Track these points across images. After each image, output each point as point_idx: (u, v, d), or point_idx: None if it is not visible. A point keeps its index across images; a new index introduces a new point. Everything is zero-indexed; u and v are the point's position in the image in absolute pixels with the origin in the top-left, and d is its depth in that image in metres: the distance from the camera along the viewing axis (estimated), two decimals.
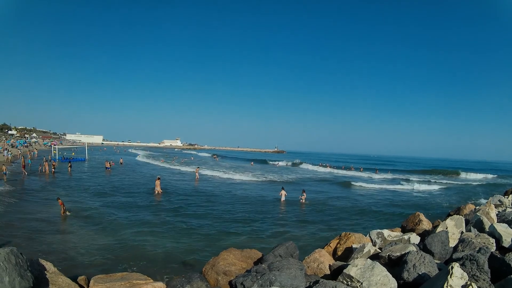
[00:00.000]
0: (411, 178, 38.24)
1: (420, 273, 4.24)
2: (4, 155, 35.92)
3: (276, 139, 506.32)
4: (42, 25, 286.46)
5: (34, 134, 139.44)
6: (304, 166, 56.77)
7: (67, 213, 13.12)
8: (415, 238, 6.46)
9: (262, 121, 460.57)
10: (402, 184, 31.51)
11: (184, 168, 38.15)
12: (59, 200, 13.31)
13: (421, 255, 4.70)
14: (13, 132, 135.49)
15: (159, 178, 19.88)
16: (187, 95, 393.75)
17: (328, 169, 51.45)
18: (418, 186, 29.56)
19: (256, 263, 6.45)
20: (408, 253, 4.93)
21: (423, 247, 5.59)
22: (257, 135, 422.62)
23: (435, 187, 30.27)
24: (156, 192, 18.84)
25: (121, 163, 41.29)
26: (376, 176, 42.76)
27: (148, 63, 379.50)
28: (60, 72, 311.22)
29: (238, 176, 30.86)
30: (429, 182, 33.66)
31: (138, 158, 56.05)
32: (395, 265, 5.00)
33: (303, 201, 17.78)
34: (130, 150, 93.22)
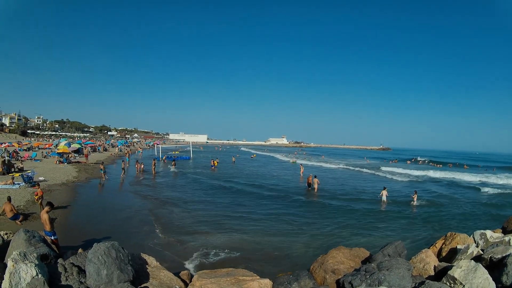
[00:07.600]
0: None
1: None
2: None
3: (382, 137, 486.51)
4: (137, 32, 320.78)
5: (136, 135, 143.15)
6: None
7: (39, 201, 12.04)
8: None
9: (368, 119, 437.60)
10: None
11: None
12: (39, 189, 12.51)
13: None
14: (113, 132, 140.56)
15: (316, 176, 20.87)
16: (294, 92, 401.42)
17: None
18: None
19: (364, 262, 6.49)
20: (509, 255, 5.02)
21: None
22: (364, 132, 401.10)
23: None
24: (315, 189, 19.83)
25: (233, 162, 42.34)
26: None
27: (253, 62, 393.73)
28: (166, 75, 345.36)
29: None
30: None
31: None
32: (495, 267, 5.28)
33: (414, 202, 17.27)
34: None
